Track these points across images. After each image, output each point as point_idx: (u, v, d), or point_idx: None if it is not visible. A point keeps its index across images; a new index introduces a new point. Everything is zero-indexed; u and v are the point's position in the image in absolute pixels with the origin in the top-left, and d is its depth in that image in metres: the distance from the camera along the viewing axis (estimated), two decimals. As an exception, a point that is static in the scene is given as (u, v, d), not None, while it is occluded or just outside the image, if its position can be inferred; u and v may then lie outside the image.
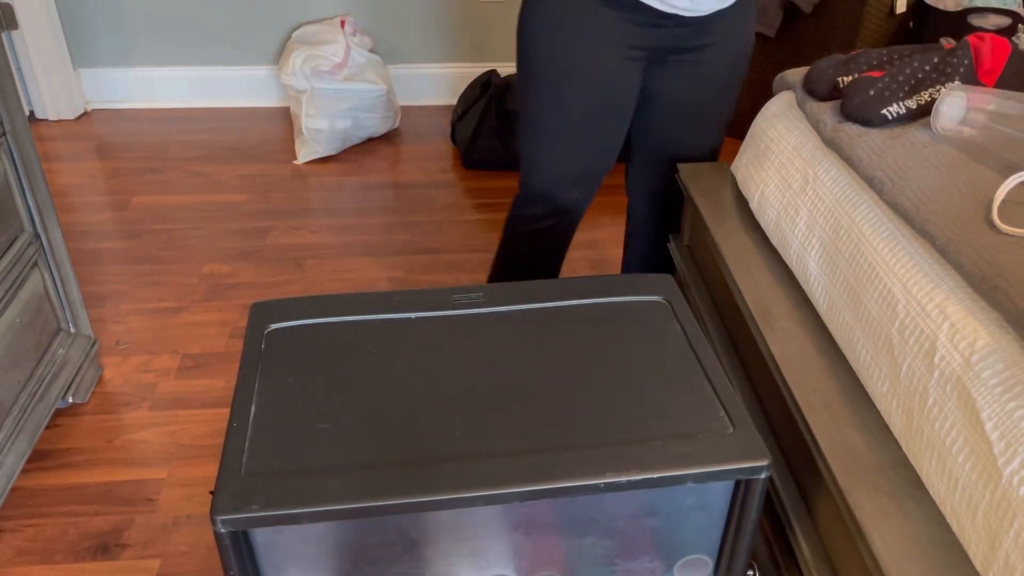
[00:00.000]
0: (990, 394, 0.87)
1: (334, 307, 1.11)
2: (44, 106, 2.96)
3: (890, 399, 1.04)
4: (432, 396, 0.98)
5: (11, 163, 1.55)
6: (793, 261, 1.31)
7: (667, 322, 1.10)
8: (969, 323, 0.93)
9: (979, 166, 1.12)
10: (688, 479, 0.88)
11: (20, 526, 1.55)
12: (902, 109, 1.25)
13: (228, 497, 0.84)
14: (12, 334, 1.56)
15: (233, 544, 0.86)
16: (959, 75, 1.25)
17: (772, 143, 1.43)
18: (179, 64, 3.05)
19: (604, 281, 1.18)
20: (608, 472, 0.87)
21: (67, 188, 2.61)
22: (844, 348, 1.16)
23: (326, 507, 0.84)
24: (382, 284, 2.21)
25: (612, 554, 0.97)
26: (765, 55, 2.73)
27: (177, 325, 2.05)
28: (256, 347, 1.05)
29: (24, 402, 1.59)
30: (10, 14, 1.52)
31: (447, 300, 1.12)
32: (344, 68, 2.76)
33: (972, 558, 0.89)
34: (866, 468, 1.00)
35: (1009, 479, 0.83)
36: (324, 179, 2.70)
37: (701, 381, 1.00)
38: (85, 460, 1.68)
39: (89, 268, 2.24)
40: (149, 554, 1.50)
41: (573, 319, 1.10)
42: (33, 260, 1.64)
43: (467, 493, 0.85)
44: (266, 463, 0.89)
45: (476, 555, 0.94)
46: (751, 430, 0.93)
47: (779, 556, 1.15)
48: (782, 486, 1.14)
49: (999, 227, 0.99)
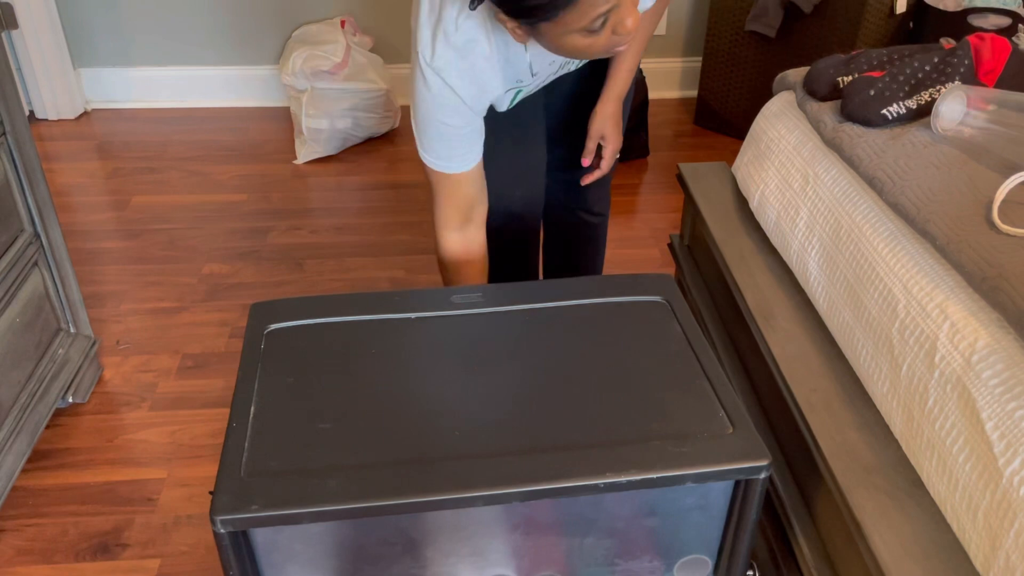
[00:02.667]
0: (990, 394, 0.87)
1: (334, 307, 1.11)
2: (44, 106, 2.96)
3: (890, 399, 1.04)
4: (432, 396, 0.98)
5: (11, 163, 1.55)
6: (793, 261, 1.31)
7: (667, 322, 1.09)
8: (969, 323, 0.93)
9: (979, 166, 1.12)
10: (688, 479, 0.88)
11: (20, 526, 1.55)
12: (902, 109, 1.25)
13: (228, 497, 0.84)
14: (12, 334, 1.56)
15: (233, 544, 0.86)
16: (959, 75, 1.25)
17: (772, 143, 1.43)
18: (179, 64, 3.05)
19: (604, 281, 1.18)
20: (608, 472, 0.87)
21: (67, 188, 2.61)
22: (844, 348, 1.16)
23: (326, 507, 0.84)
24: (382, 284, 2.21)
25: (612, 554, 0.97)
26: (765, 55, 2.73)
27: (177, 325, 2.05)
28: (256, 347, 1.05)
29: (24, 402, 1.59)
30: (10, 14, 1.52)
31: (447, 300, 1.12)
32: (344, 68, 2.76)
33: (972, 558, 0.89)
34: (866, 468, 1.00)
35: (1009, 479, 0.83)
36: (324, 179, 2.70)
37: (701, 381, 1.00)
38: (85, 460, 1.68)
39: (89, 268, 2.24)
40: (149, 554, 1.50)
41: (573, 319, 1.10)
42: (33, 260, 1.64)
43: (467, 493, 0.85)
44: (266, 463, 0.88)
45: (476, 555, 0.94)
46: (751, 430, 0.93)
47: (779, 556, 1.15)
48: (782, 486, 1.14)
49: (999, 227, 0.99)
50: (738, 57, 2.80)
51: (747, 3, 2.70)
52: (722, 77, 2.88)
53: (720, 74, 2.88)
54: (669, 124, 3.04)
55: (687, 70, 3.19)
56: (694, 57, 3.16)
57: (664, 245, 2.28)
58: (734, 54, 2.81)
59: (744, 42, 2.77)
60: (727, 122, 2.94)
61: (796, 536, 1.08)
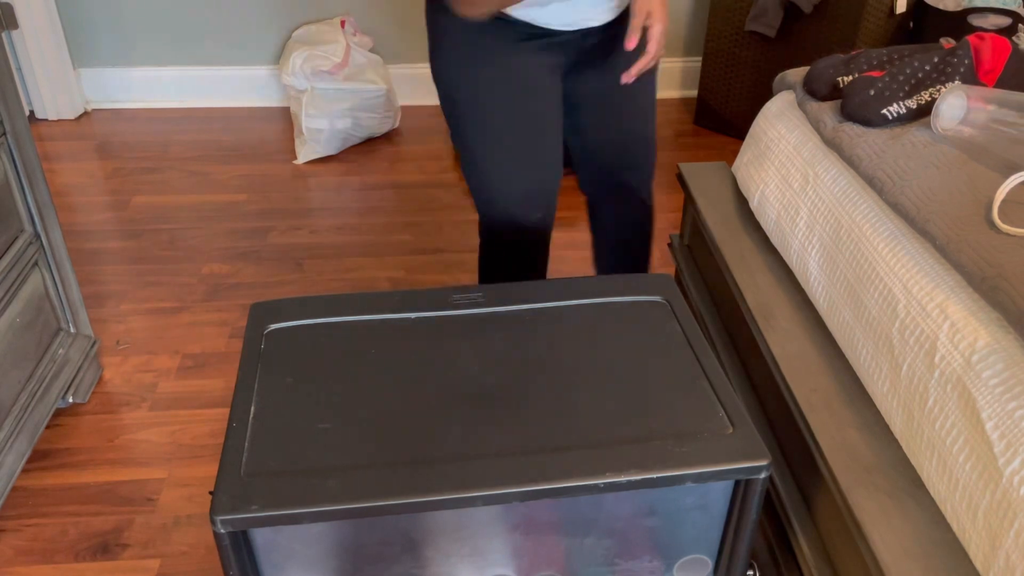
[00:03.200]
0: (990, 394, 0.87)
1: (333, 307, 1.11)
2: (44, 106, 2.96)
3: (890, 399, 1.04)
4: (431, 396, 0.98)
5: (11, 163, 1.55)
6: (793, 261, 1.31)
7: (667, 322, 1.09)
8: (969, 323, 0.93)
9: (979, 166, 1.12)
10: (687, 479, 0.88)
11: (20, 526, 1.55)
12: (902, 109, 1.25)
13: (228, 497, 0.84)
14: (12, 334, 1.56)
15: (233, 544, 0.86)
16: (959, 75, 1.25)
17: (772, 143, 1.43)
18: (179, 64, 3.05)
19: (604, 281, 1.18)
20: (608, 472, 0.87)
21: (67, 188, 2.61)
22: (844, 348, 1.16)
23: (326, 507, 0.84)
24: (382, 284, 2.21)
25: (612, 554, 0.97)
26: (765, 55, 2.73)
27: (177, 325, 2.05)
28: (256, 347, 1.05)
29: (24, 402, 1.59)
30: (10, 14, 1.52)
31: (446, 300, 1.12)
32: (344, 68, 2.76)
33: (972, 558, 0.89)
34: (866, 468, 1.00)
35: (1009, 479, 0.83)
36: (324, 179, 2.70)
37: (701, 381, 1.00)
38: (85, 460, 1.68)
39: (89, 268, 2.24)
40: (149, 554, 1.50)
41: (573, 319, 1.10)
42: (33, 260, 1.64)
43: (466, 493, 0.85)
44: (266, 463, 0.88)
45: (476, 555, 0.94)
46: (751, 430, 0.93)
47: (779, 555, 1.15)
48: (782, 486, 1.14)
49: (999, 227, 0.99)
50: (738, 57, 2.80)
51: (747, 3, 2.70)
52: (722, 77, 2.88)
53: (720, 74, 2.88)
54: (669, 124, 3.05)
55: (687, 70, 3.19)
56: (694, 57, 3.16)
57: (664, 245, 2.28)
58: (734, 54, 2.81)
59: (744, 42, 2.77)
60: (727, 122, 2.94)
61: (796, 535, 1.08)
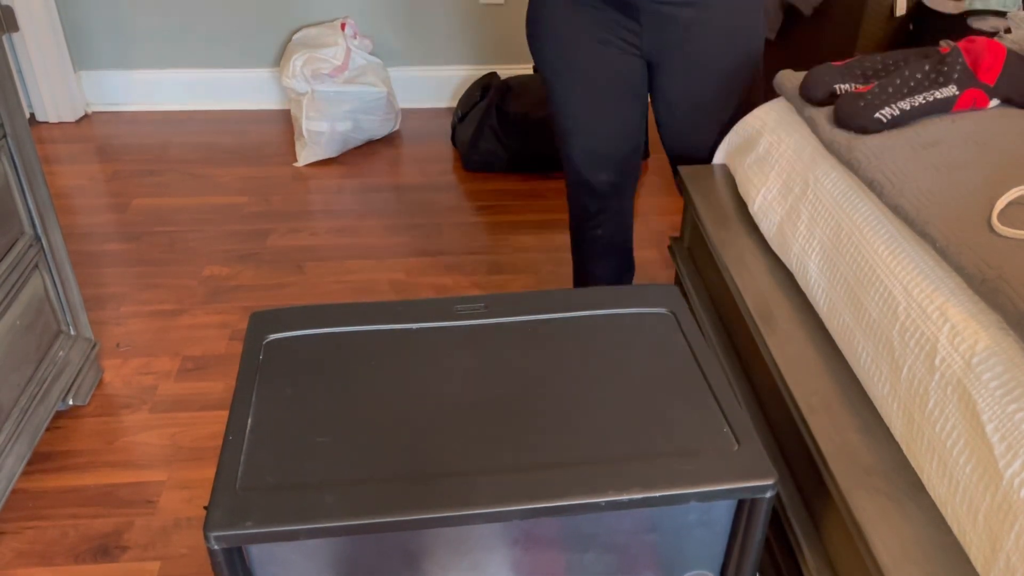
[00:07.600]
0: (991, 396, 0.87)
1: (334, 317, 1.09)
2: (44, 108, 2.96)
3: (891, 401, 1.04)
4: (432, 409, 0.95)
5: (11, 165, 1.56)
6: (793, 264, 1.31)
7: (672, 335, 1.08)
8: (970, 325, 0.93)
9: (979, 168, 1.12)
10: (691, 498, 0.86)
11: (20, 528, 1.55)
12: (895, 111, 1.24)
13: (222, 513, 0.82)
14: (12, 336, 1.56)
15: (227, 561, 0.83)
16: (953, 80, 1.25)
17: (772, 147, 1.43)
18: (179, 66, 3.05)
19: (608, 292, 1.16)
20: (609, 491, 0.85)
21: (67, 190, 2.61)
22: (844, 350, 1.16)
23: (323, 523, 0.81)
24: (382, 286, 2.21)
25: (613, 569, 0.95)
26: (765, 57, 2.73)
27: (177, 327, 2.05)
28: (254, 358, 1.03)
29: (24, 404, 1.59)
30: (10, 16, 1.52)
31: (449, 310, 1.10)
32: (344, 71, 2.76)
33: (973, 561, 0.88)
34: (866, 470, 1.00)
35: (1010, 481, 0.83)
36: (324, 181, 2.70)
37: (706, 396, 0.98)
38: (85, 462, 1.68)
39: (89, 270, 2.24)
40: (149, 556, 1.50)
41: (577, 331, 1.08)
42: (33, 262, 1.64)
43: (466, 511, 0.83)
44: (262, 477, 0.86)
45: (475, 569, 0.93)
46: (757, 447, 0.90)
47: (778, 556, 1.15)
48: (782, 487, 1.14)
49: (999, 229, 0.99)
50: (738, 59, 2.80)
51: (747, 5, 2.70)
52: (722, 79, 2.88)
53: (720, 76, 2.88)
54: (669, 126, 3.04)
55: (687, 72, 3.19)
56: (694, 59, 3.16)
57: (664, 247, 2.28)
58: (734, 56, 2.80)
59: (744, 44, 2.76)
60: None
61: (796, 537, 1.08)
